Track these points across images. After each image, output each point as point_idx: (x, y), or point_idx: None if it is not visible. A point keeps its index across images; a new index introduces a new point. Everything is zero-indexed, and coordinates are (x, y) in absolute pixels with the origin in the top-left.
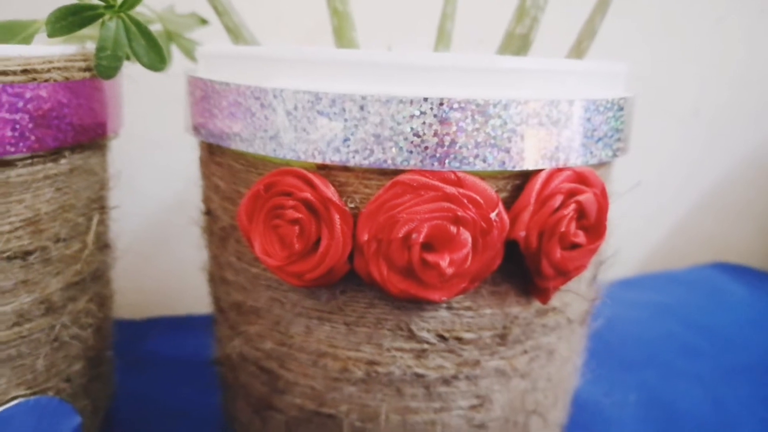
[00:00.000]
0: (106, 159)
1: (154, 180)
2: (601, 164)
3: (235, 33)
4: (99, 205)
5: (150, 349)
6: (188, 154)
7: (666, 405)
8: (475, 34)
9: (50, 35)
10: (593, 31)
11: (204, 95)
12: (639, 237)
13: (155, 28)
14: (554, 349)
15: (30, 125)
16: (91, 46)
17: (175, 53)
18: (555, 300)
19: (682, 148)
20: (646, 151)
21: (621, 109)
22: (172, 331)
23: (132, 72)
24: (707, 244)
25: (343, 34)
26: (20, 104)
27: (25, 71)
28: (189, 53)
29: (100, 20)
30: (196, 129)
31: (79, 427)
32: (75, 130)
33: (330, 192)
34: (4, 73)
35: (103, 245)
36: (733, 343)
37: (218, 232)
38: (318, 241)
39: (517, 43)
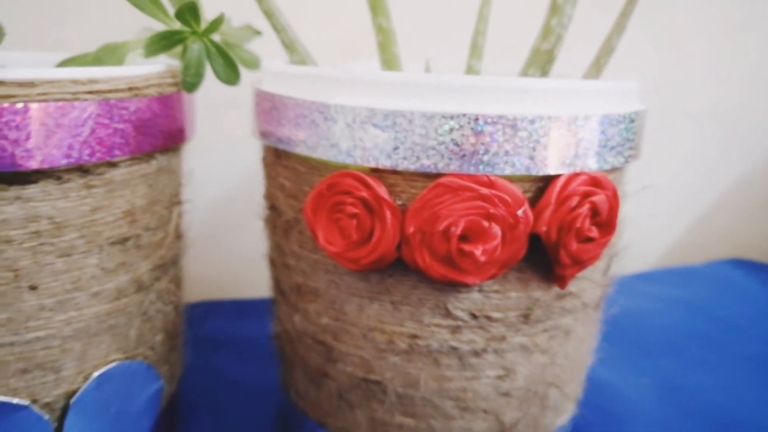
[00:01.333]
0: (182, 160)
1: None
2: (614, 169)
3: (291, 48)
4: (177, 199)
5: (211, 329)
6: (239, 157)
7: (678, 389)
8: (504, 43)
9: (147, 56)
10: (611, 49)
11: (272, 106)
12: (660, 233)
13: (215, 39)
14: (571, 330)
15: (132, 133)
16: (175, 64)
17: None
18: (572, 286)
19: (702, 150)
20: (668, 152)
21: (632, 121)
22: (230, 313)
23: None
24: (725, 241)
25: (386, 48)
26: (126, 116)
27: (130, 89)
28: (248, 63)
29: (183, 40)
30: (264, 135)
31: (161, 389)
32: (164, 136)
33: (382, 192)
34: (115, 90)
35: (179, 234)
36: (745, 333)
37: (282, 224)
38: (372, 232)
39: (543, 57)
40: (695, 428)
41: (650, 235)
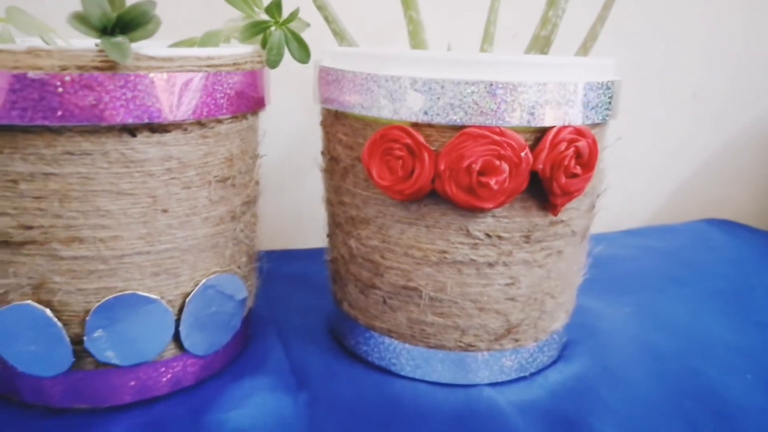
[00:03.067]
0: (259, 122)
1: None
2: (595, 125)
3: (340, 36)
4: (257, 153)
5: (266, 268)
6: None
7: (653, 315)
8: (510, 30)
9: (242, 41)
10: (596, 35)
11: (335, 79)
12: (647, 197)
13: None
14: (562, 251)
15: (234, 97)
16: (257, 47)
17: None
18: (562, 215)
19: (683, 125)
20: (655, 126)
21: (608, 88)
22: (277, 258)
23: None
24: (704, 204)
25: (416, 35)
26: (230, 84)
27: (234, 64)
28: None
29: (267, 30)
30: (326, 101)
31: (245, 299)
32: (253, 101)
33: (421, 139)
34: (225, 65)
35: (257, 181)
36: (710, 274)
37: (340, 170)
38: (413, 169)
39: (542, 42)
40: (665, 340)
41: (639, 199)
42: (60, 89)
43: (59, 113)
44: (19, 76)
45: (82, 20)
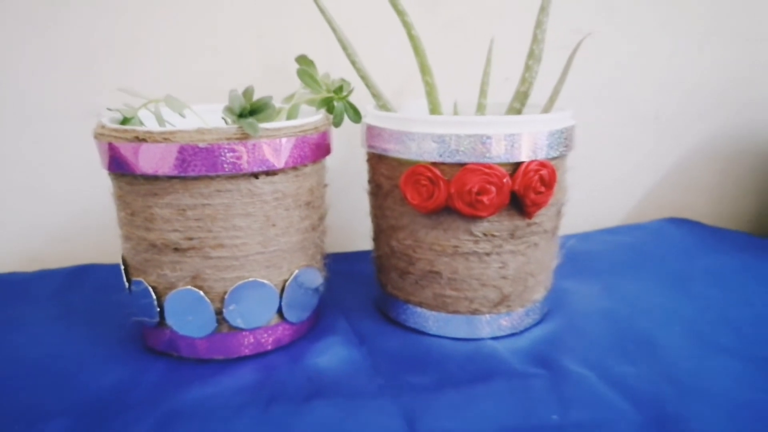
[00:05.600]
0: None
1: None
2: (554, 158)
3: (377, 97)
4: (325, 183)
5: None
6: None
7: (614, 291)
8: (502, 74)
9: (318, 109)
10: (558, 91)
11: (378, 133)
12: (620, 201)
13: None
14: (538, 243)
15: (314, 150)
16: (325, 113)
17: None
18: (535, 219)
19: (650, 141)
20: (625, 143)
21: (563, 132)
22: (335, 260)
23: None
24: (668, 206)
25: (431, 95)
26: (311, 142)
27: (315, 128)
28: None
29: (332, 101)
30: (371, 147)
31: (321, 285)
32: (325, 150)
33: (438, 173)
34: (308, 130)
35: (325, 203)
36: (665, 261)
37: (383, 193)
38: (433, 193)
39: (522, 96)
40: (619, 308)
41: (613, 203)
42: (216, 152)
43: (215, 167)
44: (192, 146)
45: (229, 110)
